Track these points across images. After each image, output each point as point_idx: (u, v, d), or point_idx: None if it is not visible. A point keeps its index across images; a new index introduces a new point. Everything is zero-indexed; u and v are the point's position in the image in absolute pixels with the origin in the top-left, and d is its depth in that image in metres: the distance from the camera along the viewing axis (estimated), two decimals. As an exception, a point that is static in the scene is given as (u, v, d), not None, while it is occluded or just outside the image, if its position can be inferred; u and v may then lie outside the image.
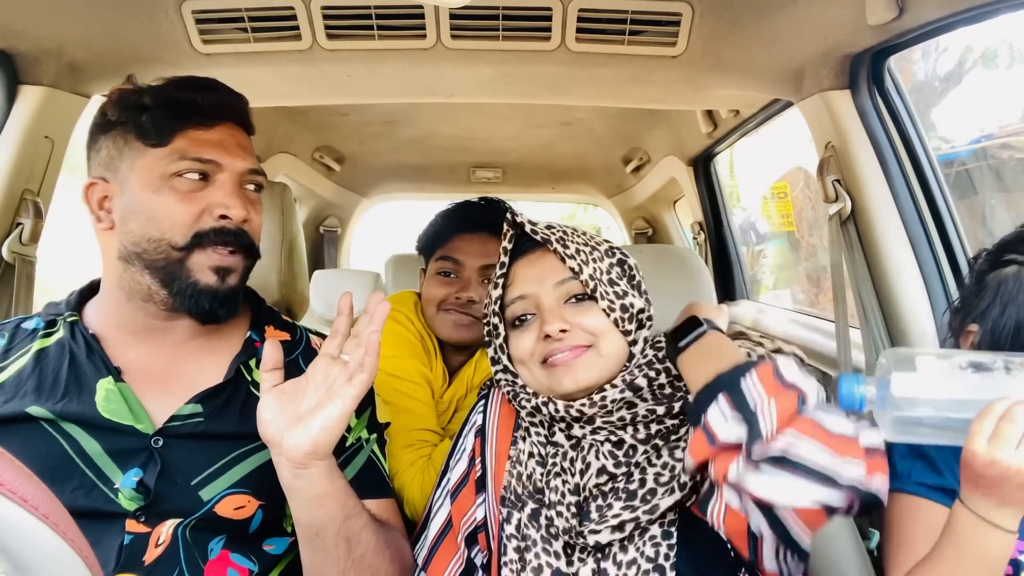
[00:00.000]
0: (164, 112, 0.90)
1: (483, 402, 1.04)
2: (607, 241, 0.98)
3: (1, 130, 1.28)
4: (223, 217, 0.91)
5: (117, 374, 0.90)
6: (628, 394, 0.87)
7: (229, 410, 0.93)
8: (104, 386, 0.89)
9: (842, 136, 1.41)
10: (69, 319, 0.96)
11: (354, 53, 1.44)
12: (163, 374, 0.94)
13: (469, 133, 2.67)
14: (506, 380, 0.96)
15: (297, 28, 1.36)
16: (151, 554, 0.84)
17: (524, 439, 0.95)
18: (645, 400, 0.88)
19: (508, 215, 0.94)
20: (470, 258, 1.39)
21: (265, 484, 0.90)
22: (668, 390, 0.89)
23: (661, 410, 0.88)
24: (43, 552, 0.36)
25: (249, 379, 0.97)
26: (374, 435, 1.03)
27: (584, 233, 0.96)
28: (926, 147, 1.39)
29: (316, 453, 0.81)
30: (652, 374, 0.89)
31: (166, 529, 0.86)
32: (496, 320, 0.95)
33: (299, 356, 1.03)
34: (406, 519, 1.20)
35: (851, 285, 1.43)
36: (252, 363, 0.98)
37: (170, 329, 0.95)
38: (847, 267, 1.44)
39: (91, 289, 1.01)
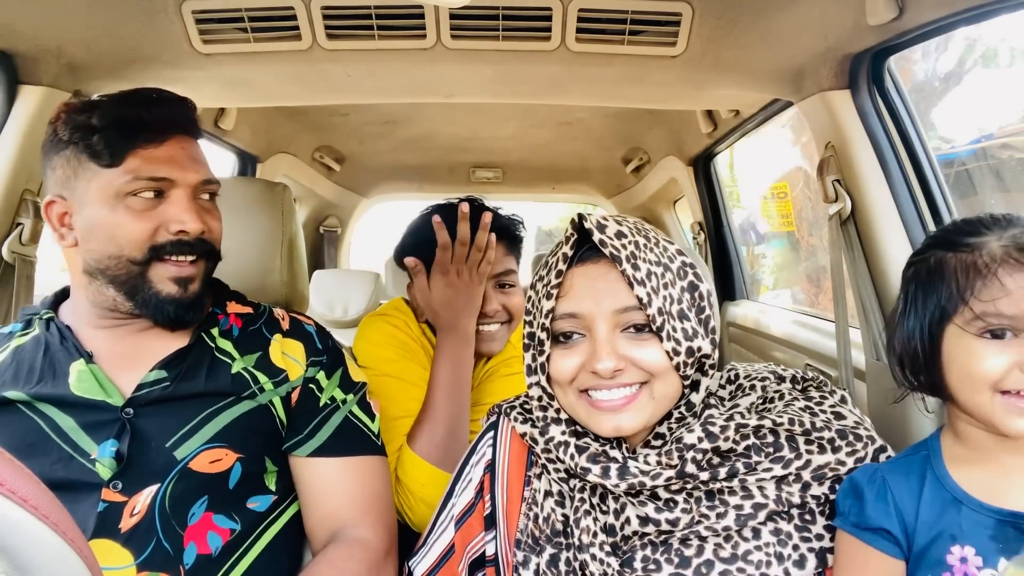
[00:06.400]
0: (114, 132, 0.91)
1: (492, 433, 0.95)
2: (680, 254, 0.84)
3: (1, 130, 1.28)
4: (180, 232, 0.94)
5: (89, 357, 0.94)
6: (700, 475, 0.77)
7: (195, 372, 0.96)
8: (76, 368, 0.93)
9: (842, 136, 1.40)
10: (45, 316, 1.00)
11: (354, 53, 1.43)
12: (130, 352, 0.97)
13: (469, 133, 2.67)
14: (538, 405, 0.86)
15: (297, 28, 1.36)
16: (127, 522, 0.87)
17: (539, 477, 0.88)
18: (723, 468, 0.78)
19: (576, 216, 0.81)
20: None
21: (241, 437, 0.94)
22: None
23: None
24: (43, 552, 0.36)
25: (212, 345, 1.00)
26: (350, 395, 1.06)
27: (658, 244, 0.82)
28: (926, 147, 1.39)
29: None
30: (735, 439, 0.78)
31: (142, 499, 0.88)
32: (543, 335, 0.81)
33: (262, 325, 1.06)
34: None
35: (851, 285, 1.43)
36: (215, 331, 1.02)
37: (136, 320, 0.98)
38: (847, 267, 1.43)
39: (65, 293, 1.05)
